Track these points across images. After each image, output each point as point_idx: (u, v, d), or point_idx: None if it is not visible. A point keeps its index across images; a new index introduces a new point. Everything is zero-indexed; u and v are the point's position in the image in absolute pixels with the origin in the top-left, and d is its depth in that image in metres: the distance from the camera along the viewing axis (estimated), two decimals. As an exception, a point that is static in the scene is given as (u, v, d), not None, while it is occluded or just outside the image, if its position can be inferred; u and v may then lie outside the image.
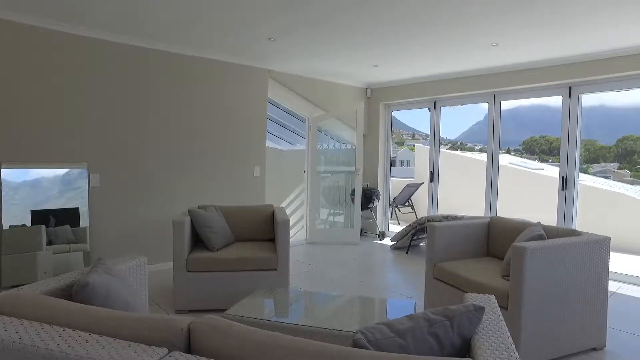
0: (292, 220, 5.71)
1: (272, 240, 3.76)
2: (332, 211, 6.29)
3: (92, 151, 3.83)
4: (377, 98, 6.33)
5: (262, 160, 5.10)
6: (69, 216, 3.61)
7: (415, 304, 2.66)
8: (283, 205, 5.67)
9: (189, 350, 1.12)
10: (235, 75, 4.79)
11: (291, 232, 5.54)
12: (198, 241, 3.50)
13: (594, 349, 2.63)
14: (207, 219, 3.42)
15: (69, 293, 1.56)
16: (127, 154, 4.06)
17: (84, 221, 3.69)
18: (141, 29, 3.72)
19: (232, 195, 4.83)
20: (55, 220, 3.51)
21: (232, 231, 3.68)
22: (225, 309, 2.52)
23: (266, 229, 3.80)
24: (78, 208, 3.67)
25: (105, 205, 3.93)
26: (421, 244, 5.65)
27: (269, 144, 5.34)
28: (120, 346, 1.05)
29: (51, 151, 3.61)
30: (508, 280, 2.49)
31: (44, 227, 3.44)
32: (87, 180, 3.76)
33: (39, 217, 3.44)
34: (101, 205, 3.90)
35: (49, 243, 3.45)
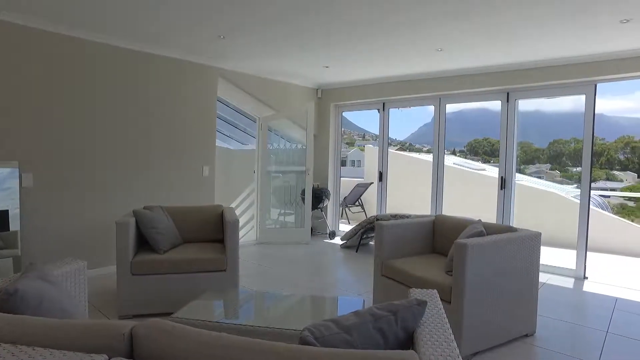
0: (242, 221, 5.63)
1: (221, 241, 3.69)
2: (282, 211, 6.27)
3: (24, 149, 3.56)
4: (328, 99, 6.39)
5: (212, 159, 4.99)
6: (-3, 219, 3.33)
7: (364, 301, 2.72)
8: (233, 205, 5.58)
9: (131, 355, 1.08)
10: (184, 73, 4.65)
11: (241, 233, 5.46)
12: (144, 243, 3.36)
13: (526, 335, 2.83)
14: (153, 219, 3.30)
15: (-4, 302, 1.44)
16: (65, 153, 3.81)
17: (14, 224, 3.41)
18: (82, 19, 3.50)
19: (181, 195, 4.68)
20: (-20, 224, 3.22)
21: (180, 232, 3.57)
22: (173, 313, 2.44)
23: (215, 230, 3.72)
24: (7, 210, 3.39)
25: (40, 207, 3.67)
26: (370, 243, 5.78)
27: (218, 143, 5.24)
28: (53, 356, 0.98)
29: (-24, 148, 3.31)
30: (451, 275, 2.61)
31: (-34, 231, 3.15)
32: (18, 180, 3.49)
33: (-38, 220, 3.15)
34: (35, 207, 3.63)
35: (-26, 248, 3.17)
